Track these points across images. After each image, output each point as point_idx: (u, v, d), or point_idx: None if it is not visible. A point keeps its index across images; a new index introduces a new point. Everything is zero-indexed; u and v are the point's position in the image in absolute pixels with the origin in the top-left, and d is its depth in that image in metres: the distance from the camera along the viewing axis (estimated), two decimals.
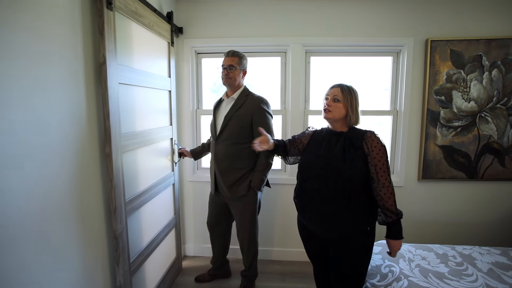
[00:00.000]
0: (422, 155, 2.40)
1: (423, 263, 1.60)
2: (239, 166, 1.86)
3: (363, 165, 1.31)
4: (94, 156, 1.37)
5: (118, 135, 1.42)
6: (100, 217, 1.42)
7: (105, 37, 1.30)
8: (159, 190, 1.96)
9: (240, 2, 2.34)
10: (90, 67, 1.33)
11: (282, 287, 2.22)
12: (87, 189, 1.32)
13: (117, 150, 1.41)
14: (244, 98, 1.87)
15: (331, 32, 2.34)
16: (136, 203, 1.65)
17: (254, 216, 1.96)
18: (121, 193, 1.46)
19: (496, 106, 2.30)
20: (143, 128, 1.73)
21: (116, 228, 1.43)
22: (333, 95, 1.39)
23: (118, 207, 1.43)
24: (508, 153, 2.35)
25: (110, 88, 1.35)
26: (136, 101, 1.66)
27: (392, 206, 1.31)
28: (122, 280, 1.48)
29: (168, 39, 2.10)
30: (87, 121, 1.31)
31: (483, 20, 2.25)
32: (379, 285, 1.48)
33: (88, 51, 1.31)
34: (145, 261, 1.77)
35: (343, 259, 1.39)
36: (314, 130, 1.56)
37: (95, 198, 1.38)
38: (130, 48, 1.59)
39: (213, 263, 2.23)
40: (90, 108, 1.34)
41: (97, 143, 1.39)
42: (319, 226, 1.40)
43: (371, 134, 1.35)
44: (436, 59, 2.28)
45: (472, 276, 1.47)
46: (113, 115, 1.37)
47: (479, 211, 2.44)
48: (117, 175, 1.42)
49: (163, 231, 2.04)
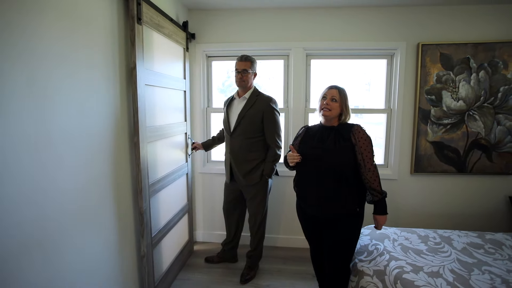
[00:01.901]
0: (414, 150, 2.59)
1: (406, 243, 1.81)
2: (252, 157, 2.12)
3: (350, 154, 1.53)
4: (125, 144, 1.65)
5: (144, 128, 1.69)
6: (128, 195, 1.69)
7: (135, 46, 1.59)
8: (174, 178, 2.22)
9: (247, 10, 2.59)
10: (123, 71, 1.61)
11: (283, 269, 2.45)
12: (119, 171, 1.60)
13: (143, 140, 1.68)
14: (255, 98, 2.12)
15: (330, 37, 2.57)
16: (157, 187, 1.91)
17: (265, 201, 2.24)
18: (146, 176, 1.72)
19: (483, 105, 2.48)
20: (162, 123, 1.99)
21: (142, 206, 1.69)
22: (331, 95, 1.61)
23: (144, 187, 1.70)
24: (495, 149, 2.52)
25: (139, 88, 1.62)
26: (157, 99, 1.92)
27: (378, 187, 1.53)
28: (145, 250, 1.74)
29: (183, 45, 2.38)
30: (120, 115, 1.59)
31: (471, 25, 2.44)
32: (365, 260, 1.70)
33: (122, 58, 1.60)
34: (163, 238, 2.02)
35: (334, 237, 1.60)
36: (307, 126, 1.78)
37: (125, 179, 1.67)
38: (153, 54, 1.86)
39: (224, 244, 2.48)
40: (123, 105, 1.62)
41: (127, 133, 1.67)
42: (315, 207, 1.62)
43: (358, 127, 1.57)
44: (427, 61, 2.48)
45: (446, 253, 1.68)
46: (140, 111, 1.64)
47: (467, 202, 2.62)
48: (143, 161, 1.68)
49: (177, 215, 2.30)
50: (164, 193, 2.05)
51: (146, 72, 1.72)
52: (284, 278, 2.32)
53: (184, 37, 2.39)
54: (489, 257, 1.65)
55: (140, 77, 1.63)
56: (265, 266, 2.47)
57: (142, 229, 1.72)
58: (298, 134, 1.79)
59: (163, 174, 2.02)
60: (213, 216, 2.88)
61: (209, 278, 2.31)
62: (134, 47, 1.58)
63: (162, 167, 2.02)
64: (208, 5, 2.52)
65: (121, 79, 1.59)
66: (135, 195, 1.74)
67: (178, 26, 2.23)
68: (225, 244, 2.48)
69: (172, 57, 2.19)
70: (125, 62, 1.63)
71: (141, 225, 1.71)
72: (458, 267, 1.53)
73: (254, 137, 2.10)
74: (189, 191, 2.57)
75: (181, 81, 2.34)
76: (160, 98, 1.97)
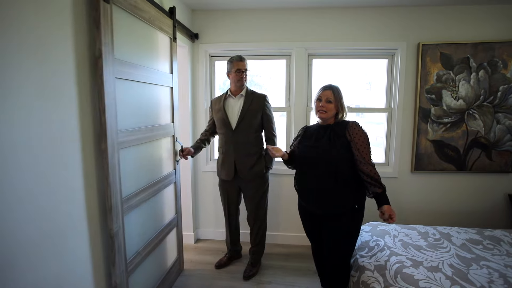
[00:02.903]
0: (415, 149, 2.63)
1: (406, 239, 1.85)
2: (254, 150, 2.21)
3: (345, 151, 1.56)
4: (89, 152, 1.32)
5: (114, 131, 1.38)
6: (95, 215, 1.37)
7: (101, 30, 1.26)
8: (159, 189, 1.92)
9: (249, 11, 2.63)
10: (85, 61, 1.29)
11: (285, 266, 2.49)
12: (80, 186, 1.28)
13: (114, 146, 1.38)
14: (251, 95, 2.21)
15: (331, 37, 2.60)
16: (133, 202, 1.60)
17: (267, 195, 2.33)
18: (117, 191, 1.41)
19: (483, 104, 2.51)
20: (142, 125, 1.68)
21: (112, 227, 1.38)
22: (326, 97, 1.63)
23: (115, 205, 1.39)
24: (495, 147, 2.55)
25: (106, 83, 1.31)
26: (135, 97, 1.61)
27: (378, 178, 1.52)
28: (117, 280, 1.43)
29: (170, 34, 2.04)
30: (79, 116, 1.26)
31: (470, 25, 2.47)
32: (366, 256, 1.73)
33: (83, 45, 1.27)
34: (143, 261, 1.73)
35: (334, 234, 1.63)
36: (306, 126, 1.84)
37: (90, 195, 1.34)
38: (128, 43, 1.53)
39: (229, 244, 2.50)
40: (84, 103, 1.29)
41: (92, 139, 1.34)
42: (314, 205, 1.65)
43: (353, 124, 1.60)
44: (427, 61, 2.51)
45: (446, 248, 1.71)
46: (109, 110, 1.33)
47: (467, 200, 2.65)
48: (113, 172, 1.37)
49: (163, 231, 1.99)
50: (144, 208, 1.75)
51: (117, 62, 1.40)
52: (286, 274, 2.36)
53: (170, 25, 2.04)
54: (487, 252, 1.69)
55: (108, 69, 1.32)
56: (267, 263, 2.51)
57: (113, 255, 1.41)
58: (298, 135, 1.84)
59: (142, 185, 1.70)
60: (217, 213, 2.91)
61: (211, 275, 2.35)
62: (100, 32, 1.27)
63: (141, 178, 1.71)
64: (211, 5, 2.56)
65: (82, 71, 1.27)
66: (103, 214, 1.41)
67: (162, 11, 1.90)
68: (230, 243, 2.50)
69: (155, 47, 1.86)
70: (89, 51, 1.31)
71: (112, 250, 1.41)
72: (457, 262, 1.57)
73: (255, 131, 2.21)
74: (178, 202, 2.25)
75: (167, 76, 2.02)
76: (138, 95, 1.66)
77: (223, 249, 2.68)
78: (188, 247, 2.81)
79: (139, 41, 1.67)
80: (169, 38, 2.06)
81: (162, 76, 1.94)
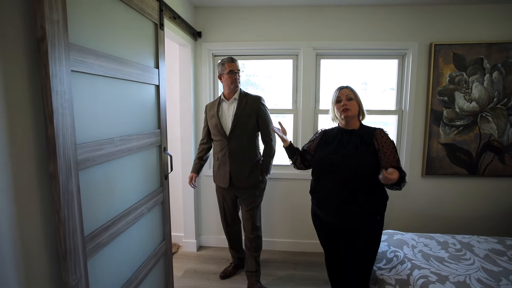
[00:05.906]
0: (426, 152, 2.54)
1: (425, 249, 1.75)
2: (250, 157, 2.09)
3: (373, 160, 1.46)
4: (27, 180, 0.91)
5: (70, 146, 0.99)
6: (42, 266, 0.97)
7: (44, 3, 0.87)
8: (142, 213, 1.51)
9: (255, 8, 2.51)
10: (21, 45, 0.88)
11: (293, 275, 2.38)
12: (25, 229, 0.90)
13: (68, 167, 0.99)
14: (245, 98, 2.08)
15: (340, 37, 2.50)
16: (103, 238, 1.20)
17: (260, 202, 2.20)
18: (76, 229, 1.03)
19: (496, 107, 2.44)
20: (115, 135, 1.27)
21: (69, 279, 1.00)
22: (346, 95, 1.54)
23: (72, 249, 1.01)
24: (508, 151, 2.48)
25: (54, 78, 0.91)
26: (104, 98, 1.20)
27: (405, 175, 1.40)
28: None
29: (155, 19, 1.61)
30: (8, 127, 0.85)
31: (484, 25, 2.39)
32: (385, 268, 1.63)
33: (16, 21, 0.87)
34: None
35: (355, 246, 1.51)
36: (324, 130, 1.70)
37: (35, 239, 0.94)
38: (95, 24, 1.14)
39: (232, 251, 2.39)
40: (18, 107, 0.88)
41: (33, 159, 0.93)
42: (334, 217, 1.53)
43: (381, 131, 1.50)
44: (440, 62, 2.43)
45: (469, 260, 1.62)
46: (60, 116, 0.94)
47: (479, 205, 2.58)
48: (68, 203, 0.99)
49: (146, 265, 1.57)
50: (121, 241, 1.34)
51: (74, 50, 1.00)
52: (295, 284, 2.25)
53: (156, 8, 1.60)
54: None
55: (57, 57, 0.92)
56: (274, 272, 2.40)
57: None
58: (315, 137, 1.72)
59: (116, 214, 1.29)
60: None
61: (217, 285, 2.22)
62: (42, 4, 0.87)
63: (114, 204, 1.29)
64: (215, 2, 2.43)
65: (16, 60, 0.87)
66: (55, 263, 1.01)
67: None
68: (232, 250, 2.40)
69: (133, 34, 1.41)
70: (28, 32, 0.90)
71: None
72: (484, 276, 1.48)
73: (250, 136, 2.09)
74: (166, 225, 1.81)
75: (151, 71, 1.58)
76: (109, 95, 1.23)
77: (227, 257, 2.57)
78: (191, 255, 2.68)
79: (111, 24, 1.23)
80: (154, 24, 1.62)
81: (144, 71, 1.51)
